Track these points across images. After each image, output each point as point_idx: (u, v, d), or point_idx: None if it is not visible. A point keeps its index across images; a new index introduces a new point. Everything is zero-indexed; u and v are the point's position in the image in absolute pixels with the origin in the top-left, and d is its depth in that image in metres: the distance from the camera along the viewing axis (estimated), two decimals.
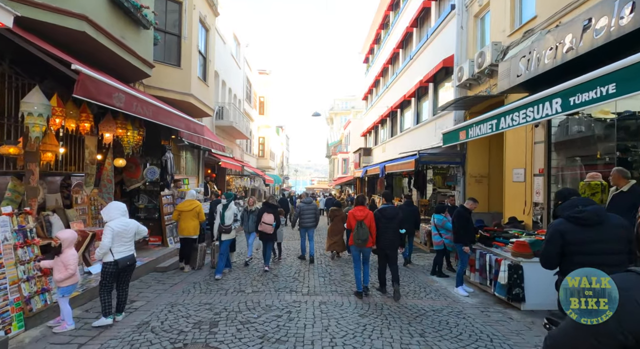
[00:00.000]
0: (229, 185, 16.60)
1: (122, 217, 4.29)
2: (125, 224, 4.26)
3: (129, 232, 4.30)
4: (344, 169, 32.43)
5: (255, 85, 25.69)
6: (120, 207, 4.34)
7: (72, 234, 4.04)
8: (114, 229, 4.10)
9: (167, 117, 6.28)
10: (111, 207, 4.29)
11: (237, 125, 16.04)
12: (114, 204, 4.36)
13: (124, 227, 4.23)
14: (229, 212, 6.71)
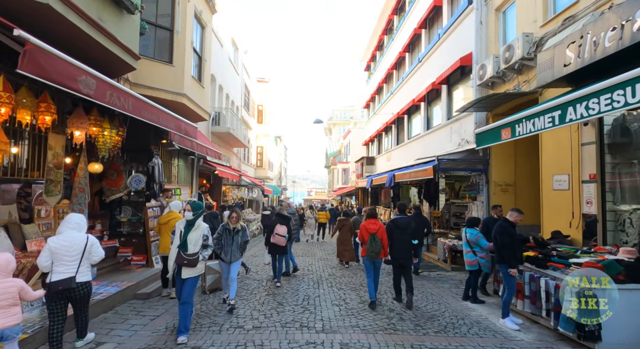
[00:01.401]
0: (226, 196, 15.51)
1: (70, 230, 3.63)
2: (68, 240, 3.56)
3: (73, 251, 3.56)
4: (344, 179, 31.44)
5: (254, 93, 24.90)
6: (70, 219, 3.70)
7: (3, 260, 2.99)
8: (49, 246, 3.48)
9: (152, 114, 5.27)
10: (64, 220, 3.70)
11: (234, 132, 15.06)
12: (67, 217, 3.74)
13: (65, 243, 3.54)
14: (195, 234, 4.27)
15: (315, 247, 12.70)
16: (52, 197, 4.64)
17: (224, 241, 5.29)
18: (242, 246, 5.39)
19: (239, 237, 5.35)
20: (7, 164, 4.66)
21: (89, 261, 3.70)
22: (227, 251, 5.28)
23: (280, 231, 7.17)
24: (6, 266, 2.98)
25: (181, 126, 6.59)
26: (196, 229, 4.29)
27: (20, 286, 3.04)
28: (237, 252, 5.32)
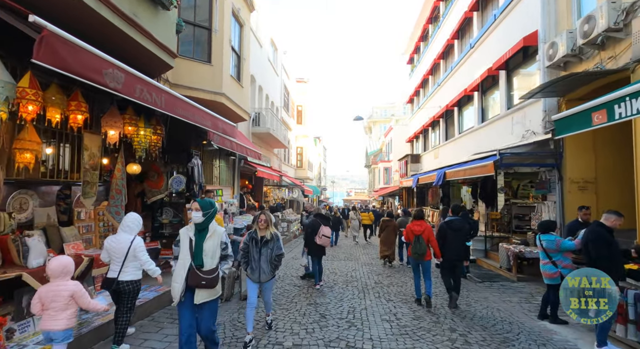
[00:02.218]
0: (267, 196, 15.39)
1: (121, 232, 3.79)
2: (115, 241, 3.74)
3: (119, 251, 3.70)
4: (386, 179, 30.28)
5: (293, 94, 24.80)
6: (124, 221, 3.85)
7: (58, 264, 2.95)
8: (104, 245, 3.78)
9: (186, 111, 5.01)
10: (122, 220, 3.93)
11: (274, 132, 14.89)
12: (125, 217, 3.93)
13: (113, 244, 3.72)
14: (212, 242, 3.24)
15: (359, 250, 12.04)
16: (88, 199, 4.54)
17: (251, 254, 4.09)
18: (274, 261, 4.08)
19: (269, 250, 4.05)
20: (50, 166, 4.65)
21: (136, 262, 3.80)
22: (255, 267, 4.04)
23: (326, 232, 6.89)
24: (61, 270, 2.95)
25: (218, 125, 6.33)
26: (211, 235, 3.20)
27: (73, 290, 2.95)
28: (267, 268, 4.05)
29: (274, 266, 4.15)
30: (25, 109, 3.21)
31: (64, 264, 2.98)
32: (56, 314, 2.88)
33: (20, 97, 3.16)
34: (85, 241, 4.96)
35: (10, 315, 3.43)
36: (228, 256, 3.42)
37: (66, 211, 4.69)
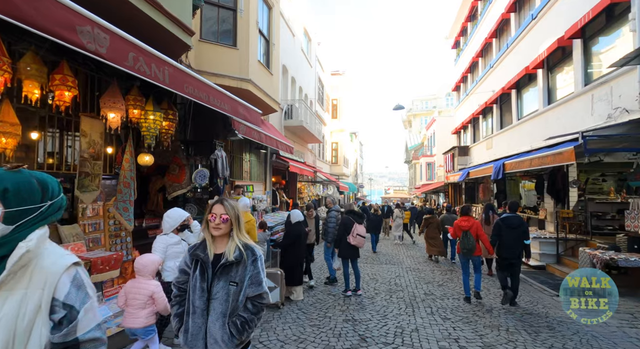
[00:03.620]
0: (301, 193, 14.64)
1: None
2: (157, 241, 3.78)
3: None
4: (429, 174, 28.36)
5: (328, 87, 23.88)
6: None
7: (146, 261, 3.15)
8: None
9: (198, 90, 4.26)
10: None
11: (308, 125, 14.07)
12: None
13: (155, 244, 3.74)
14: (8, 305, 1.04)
15: (401, 252, 10.84)
16: (87, 193, 3.95)
17: (189, 297, 1.83)
18: (242, 315, 1.78)
19: (233, 287, 1.79)
20: (49, 155, 4.13)
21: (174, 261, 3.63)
22: (195, 328, 1.77)
23: (361, 230, 5.99)
24: (143, 269, 3.02)
25: (239, 110, 5.56)
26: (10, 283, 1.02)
27: (153, 291, 3.00)
28: (221, 333, 1.73)
29: (242, 326, 1.76)
30: None
31: (150, 262, 3.08)
32: (135, 312, 2.97)
33: None
34: (92, 240, 4.41)
35: None
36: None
37: (67, 207, 4.13)
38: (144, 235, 6.20)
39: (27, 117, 3.80)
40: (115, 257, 4.01)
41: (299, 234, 5.54)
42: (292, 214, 5.75)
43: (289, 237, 5.62)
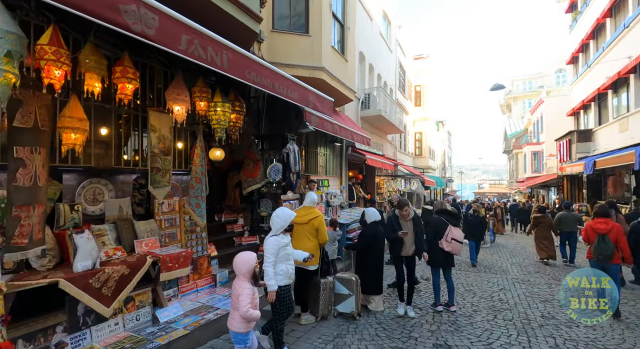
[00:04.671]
0: (380, 188, 13.75)
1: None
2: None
3: None
4: (535, 165, 24.24)
5: (410, 73, 22.16)
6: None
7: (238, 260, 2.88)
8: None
9: (262, 77, 3.87)
10: None
11: (387, 115, 13.05)
12: None
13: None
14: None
15: (503, 257, 9.17)
16: (159, 189, 3.91)
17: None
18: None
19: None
20: (124, 151, 4.25)
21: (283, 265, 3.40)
22: None
23: (457, 234, 4.97)
24: (235, 267, 2.85)
25: (309, 98, 5.07)
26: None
27: (239, 293, 2.78)
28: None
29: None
30: (49, 73, 2.52)
31: (243, 261, 2.86)
32: (233, 312, 2.85)
33: (39, 57, 2.48)
34: (168, 236, 4.44)
35: (62, 326, 2.90)
36: None
37: (142, 202, 4.21)
38: (222, 230, 6.27)
39: (103, 114, 3.92)
40: (184, 255, 3.92)
41: (375, 235, 4.82)
42: (367, 213, 5.04)
43: (363, 239, 4.94)
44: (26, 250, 2.57)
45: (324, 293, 4.51)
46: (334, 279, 4.64)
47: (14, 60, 2.25)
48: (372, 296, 4.90)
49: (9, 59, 2.21)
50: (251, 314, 2.74)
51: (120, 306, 3.36)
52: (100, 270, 3.00)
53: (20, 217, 2.53)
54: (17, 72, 2.30)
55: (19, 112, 2.57)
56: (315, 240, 4.33)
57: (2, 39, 2.16)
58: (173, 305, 3.91)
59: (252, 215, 6.71)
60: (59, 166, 3.38)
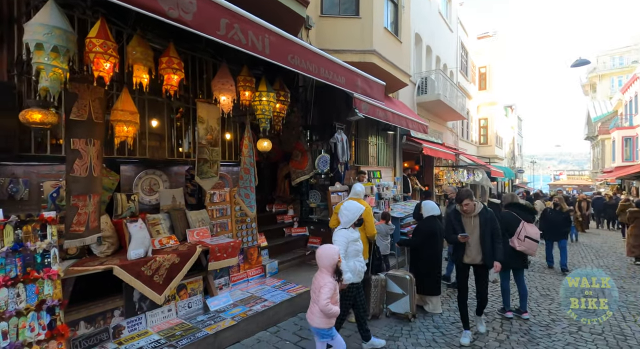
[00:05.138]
0: (439, 179, 12.85)
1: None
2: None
3: None
4: (627, 153, 20.76)
5: (473, 54, 20.31)
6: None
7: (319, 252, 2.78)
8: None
9: (306, 61, 3.66)
10: None
11: (447, 99, 12.07)
12: None
13: None
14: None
15: (587, 257, 7.92)
16: (206, 179, 3.95)
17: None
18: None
19: None
20: (177, 143, 4.36)
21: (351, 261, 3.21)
22: None
23: (532, 232, 4.38)
24: (318, 260, 2.76)
25: (357, 82, 4.75)
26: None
27: (320, 286, 2.69)
28: None
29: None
30: (98, 65, 2.58)
31: (325, 254, 2.74)
32: (312, 305, 2.77)
33: (88, 50, 2.55)
34: (219, 225, 4.52)
35: (120, 310, 3.06)
36: None
37: (194, 193, 4.31)
38: (273, 220, 6.30)
39: (156, 107, 4.05)
40: (232, 245, 3.92)
41: (432, 232, 4.37)
42: (423, 206, 4.60)
43: (418, 234, 4.52)
44: (83, 237, 2.71)
45: (375, 290, 4.23)
46: (386, 277, 4.33)
47: (61, 55, 2.32)
48: (429, 297, 4.49)
49: (57, 54, 2.28)
50: (330, 308, 2.62)
51: (173, 293, 3.46)
52: (151, 258, 3.10)
53: (78, 206, 2.67)
54: (65, 66, 2.37)
55: (74, 105, 2.69)
56: (362, 234, 4.06)
57: (49, 34, 2.23)
58: (223, 294, 3.96)
59: (302, 206, 6.64)
60: (116, 157, 3.56)
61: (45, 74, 2.28)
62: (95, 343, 2.85)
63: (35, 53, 2.27)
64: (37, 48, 2.26)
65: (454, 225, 3.72)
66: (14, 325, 2.09)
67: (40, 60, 2.27)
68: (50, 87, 2.28)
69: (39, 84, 2.29)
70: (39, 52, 2.27)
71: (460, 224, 3.68)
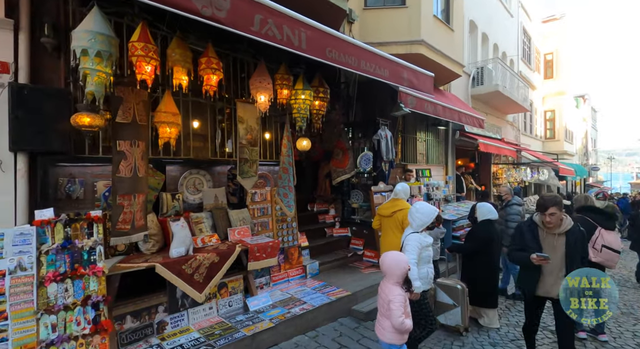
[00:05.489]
0: (497, 178, 11.81)
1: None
2: None
3: None
4: None
5: (537, 39, 18.38)
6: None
7: (385, 260, 2.52)
8: None
9: (345, 54, 3.46)
10: None
11: (506, 91, 11.01)
12: None
13: None
14: None
15: None
16: (246, 179, 3.95)
17: None
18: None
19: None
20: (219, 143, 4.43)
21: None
22: None
23: (611, 240, 3.74)
24: (384, 269, 2.50)
25: (402, 75, 4.42)
26: None
27: (389, 299, 2.41)
28: None
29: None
30: (140, 68, 2.66)
31: (393, 262, 2.48)
32: (381, 319, 2.53)
33: (131, 54, 2.63)
34: (260, 224, 4.53)
35: (164, 306, 3.16)
36: None
37: (236, 192, 4.35)
38: (314, 220, 6.21)
39: (200, 109, 4.14)
40: (271, 245, 3.88)
41: (488, 237, 3.92)
42: (478, 208, 4.15)
43: (473, 240, 4.08)
44: (129, 235, 2.82)
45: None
46: (435, 285, 3.98)
47: (104, 60, 2.40)
48: (483, 309, 4.05)
49: (100, 59, 2.37)
50: (405, 325, 2.39)
51: (214, 291, 3.51)
52: (192, 257, 3.15)
53: (123, 205, 2.78)
54: (109, 70, 2.46)
55: (120, 108, 2.81)
56: (401, 235, 3.78)
57: (92, 40, 2.32)
58: (263, 294, 3.94)
59: (343, 206, 6.46)
60: (162, 158, 3.70)
61: (90, 79, 2.38)
62: (141, 337, 2.97)
63: (81, 59, 2.38)
64: (83, 54, 2.37)
65: (527, 240, 2.80)
66: (62, 319, 2.22)
67: (86, 65, 2.37)
68: (95, 91, 2.38)
69: (86, 89, 2.40)
70: (84, 58, 2.38)
71: (535, 241, 2.76)
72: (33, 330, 2.11)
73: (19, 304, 2.09)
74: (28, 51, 2.80)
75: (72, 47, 2.38)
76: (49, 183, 3.00)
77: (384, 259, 2.56)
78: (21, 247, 2.13)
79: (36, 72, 2.88)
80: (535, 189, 15.91)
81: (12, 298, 2.07)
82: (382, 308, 2.50)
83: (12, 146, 2.69)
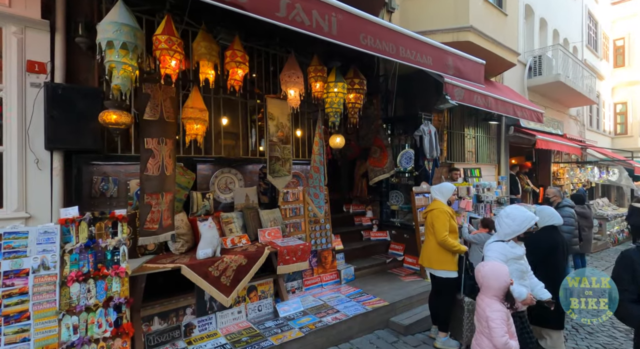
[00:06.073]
0: (558, 178, 10.59)
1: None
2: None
3: None
4: None
5: (605, 24, 16.36)
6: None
7: (484, 271, 2.27)
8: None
9: (381, 41, 3.14)
10: None
11: (569, 81, 9.82)
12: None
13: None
14: None
15: None
16: (279, 178, 3.76)
17: None
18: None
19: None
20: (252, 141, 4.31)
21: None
22: None
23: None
24: (481, 281, 2.25)
25: (448, 62, 3.97)
26: None
27: (487, 316, 2.18)
28: None
29: None
30: (164, 62, 2.57)
31: (492, 273, 2.22)
32: (479, 337, 2.26)
33: (155, 48, 2.55)
34: (292, 225, 4.33)
35: (191, 308, 3.06)
36: None
37: (267, 191, 4.19)
38: (350, 222, 5.90)
39: (231, 107, 4.04)
40: (302, 248, 3.66)
41: (552, 246, 3.35)
42: (540, 213, 3.56)
43: (532, 249, 3.52)
44: (157, 235, 2.76)
45: (469, 315, 3.44)
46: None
47: (130, 52, 2.32)
48: (546, 330, 3.47)
49: (126, 51, 2.30)
50: (510, 346, 2.11)
51: (243, 294, 3.37)
52: (219, 259, 3.02)
53: (151, 204, 2.72)
54: (134, 63, 2.39)
55: (147, 105, 2.75)
56: (434, 239, 3.39)
57: (118, 31, 2.25)
58: (294, 300, 3.73)
59: (382, 208, 6.06)
60: (193, 156, 3.65)
61: (116, 72, 2.32)
62: (168, 339, 2.89)
63: (107, 52, 2.33)
64: (108, 46, 2.31)
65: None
66: (84, 320, 2.18)
67: (111, 58, 2.32)
68: (121, 84, 2.31)
69: (112, 83, 2.35)
70: (110, 51, 2.32)
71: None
72: (55, 331, 2.09)
73: (41, 303, 2.08)
74: (64, 51, 2.85)
75: (97, 40, 2.34)
76: (84, 181, 3.04)
77: (479, 269, 2.33)
78: (45, 245, 2.12)
79: (71, 71, 2.93)
80: (603, 192, 14.11)
81: (35, 297, 2.07)
82: (480, 325, 2.27)
83: (48, 145, 2.74)
